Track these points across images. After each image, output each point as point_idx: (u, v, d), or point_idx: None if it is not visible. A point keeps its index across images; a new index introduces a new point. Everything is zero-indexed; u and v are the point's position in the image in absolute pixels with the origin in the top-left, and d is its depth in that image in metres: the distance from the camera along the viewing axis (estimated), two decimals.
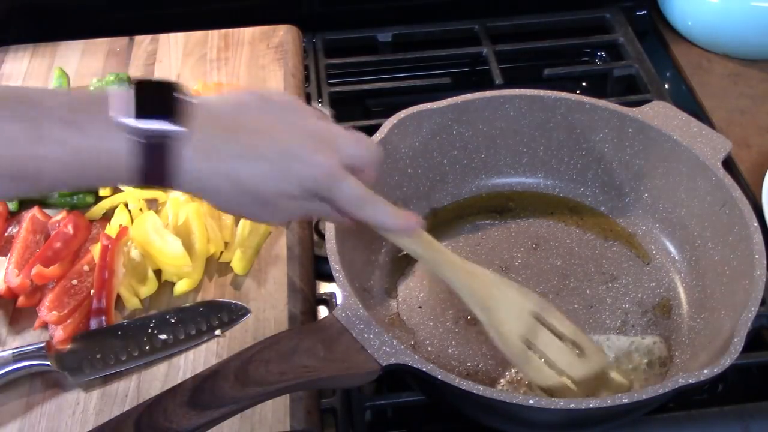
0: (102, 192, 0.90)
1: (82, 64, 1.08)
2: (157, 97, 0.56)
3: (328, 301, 0.85)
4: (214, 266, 0.84)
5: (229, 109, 0.60)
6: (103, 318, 0.77)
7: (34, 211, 0.86)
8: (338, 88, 1.10)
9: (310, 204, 0.62)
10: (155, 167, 0.56)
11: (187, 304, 0.80)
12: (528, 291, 0.73)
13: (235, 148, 0.58)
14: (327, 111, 0.64)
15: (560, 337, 0.71)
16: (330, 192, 0.62)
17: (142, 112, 0.54)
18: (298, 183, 0.60)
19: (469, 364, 0.76)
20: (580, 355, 0.70)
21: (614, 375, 0.72)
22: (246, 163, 0.58)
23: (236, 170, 0.58)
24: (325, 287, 0.88)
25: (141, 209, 0.87)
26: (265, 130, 0.60)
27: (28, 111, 0.53)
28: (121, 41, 1.12)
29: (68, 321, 0.77)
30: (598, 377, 0.70)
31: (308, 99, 1.07)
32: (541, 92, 0.88)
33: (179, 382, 0.61)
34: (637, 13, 1.24)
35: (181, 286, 0.80)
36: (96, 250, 0.80)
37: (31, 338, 0.78)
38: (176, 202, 0.86)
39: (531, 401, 0.62)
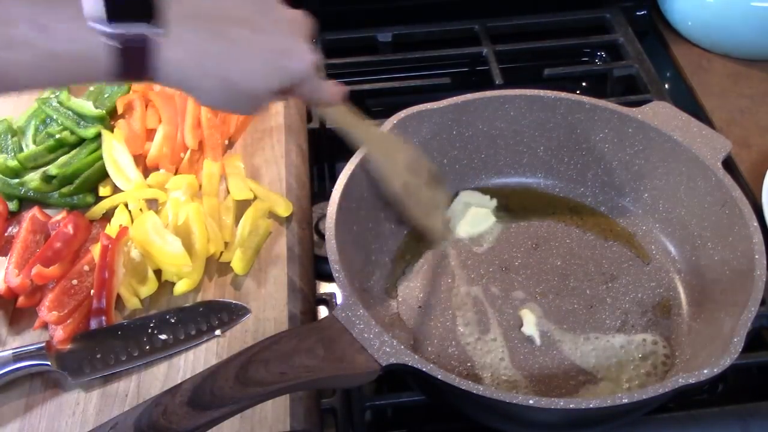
0: (102, 192, 0.90)
1: None
2: (128, 1, 0.54)
3: (328, 301, 0.85)
4: (214, 266, 0.84)
5: (210, 2, 0.59)
6: (103, 318, 0.77)
7: (34, 211, 0.86)
8: None
9: (279, 95, 0.64)
10: (133, 68, 0.55)
11: (187, 304, 0.80)
12: (406, 144, 0.84)
13: (222, 45, 0.58)
14: None
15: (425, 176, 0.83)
16: (307, 81, 0.65)
17: (114, 15, 0.53)
18: (284, 77, 0.62)
19: (469, 364, 0.76)
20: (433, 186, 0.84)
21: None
22: (236, 61, 0.59)
23: (226, 69, 0.58)
24: (325, 287, 0.88)
25: (141, 209, 0.87)
26: (248, 24, 0.60)
27: None
28: None
29: (68, 321, 0.77)
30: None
31: None
32: (541, 92, 0.88)
33: (179, 382, 0.61)
34: (637, 13, 1.24)
35: (181, 286, 0.80)
36: (96, 250, 0.80)
37: (31, 338, 0.78)
38: (176, 202, 0.86)
39: (531, 401, 0.61)
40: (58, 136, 0.92)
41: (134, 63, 0.55)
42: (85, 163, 0.91)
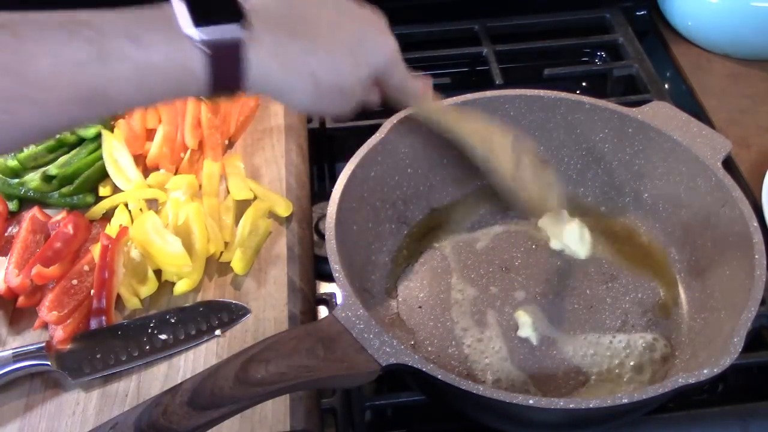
0: (102, 192, 0.90)
1: None
2: (214, 3, 0.55)
3: (328, 301, 0.86)
4: (214, 266, 0.84)
5: (282, 6, 0.60)
6: (103, 318, 0.77)
7: (34, 211, 0.86)
8: None
9: (369, 89, 0.66)
10: (225, 73, 0.55)
11: (187, 304, 0.80)
12: (506, 130, 0.81)
13: (305, 44, 0.59)
14: None
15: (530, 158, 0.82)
16: (393, 70, 0.67)
17: (202, 21, 0.54)
18: (371, 66, 0.63)
19: (468, 364, 0.76)
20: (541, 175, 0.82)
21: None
22: (320, 57, 0.59)
23: (311, 65, 0.59)
24: (325, 287, 0.88)
25: (141, 209, 0.87)
26: (326, 22, 0.61)
27: (87, 32, 0.51)
28: None
29: (68, 321, 0.77)
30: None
31: None
32: (541, 92, 0.88)
33: (179, 382, 0.61)
34: (637, 13, 1.24)
35: (181, 286, 0.80)
36: (96, 250, 0.80)
37: (31, 338, 0.78)
38: (176, 202, 0.86)
39: (531, 401, 0.61)
40: (58, 136, 0.92)
41: (227, 68, 0.55)
42: (85, 163, 0.91)
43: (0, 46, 0.48)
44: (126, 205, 0.88)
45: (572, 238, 0.84)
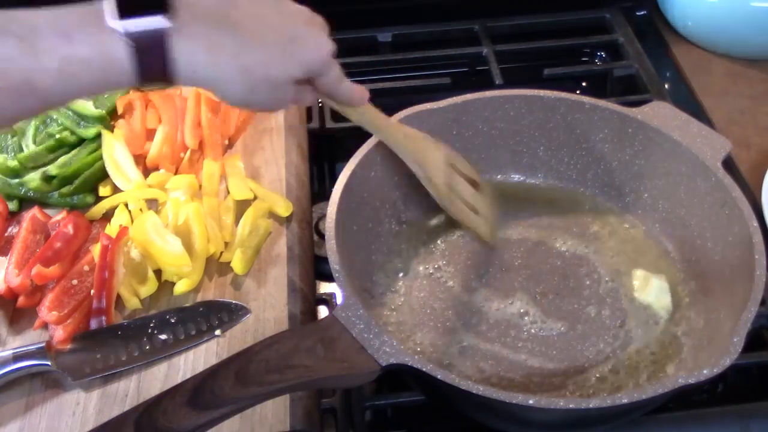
0: (102, 192, 0.90)
1: None
2: None
3: (328, 301, 0.86)
4: (214, 266, 0.84)
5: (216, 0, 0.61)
6: (103, 318, 0.77)
7: (34, 211, 0.86)
8: None
9: (301, 88, 0.67)
10: (152, 65, 0.56)
11: (187, 304, 0.80)
12: (438, 142, 0.83)
13: (237, 38, 0.59)
14: None
15: (466, 178, 0.84)
16: (325, 71, 0.67)
17: (127, 13, 0.55)
18: (302, 64, 0.64)
19: (469, 364, 0.76)
20: (477, 190, 0.85)
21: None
22: (252, 51, 0.60)
23: (243, 60, 0.60)
24: (325, 287, 0.88)
25: (141, 209, 0.87)
26: (259, 17, 0.62)
27: (18, 28, 0.53)
28: None
29: (68, 321, 0.77)
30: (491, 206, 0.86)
31: None
32: (541, 92, 0.88)
33: (179, 382, 0.61)
34: (637, 13, 1.24)
35: (181, 286, 0.80)
36: (96, 250, 0.80)
37: (31, 338, 0.78)
38: (176, 202, 0.86)
39: (531, 401, 0.61)
40: (58, 136, 0.92)
41: (153, 60, 0.56)
42: (85, 163, 0.91)
43: None
44: (126, 205, 0.88)
45: (655, 295, 0.81)
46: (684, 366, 0.74)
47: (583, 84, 1.16)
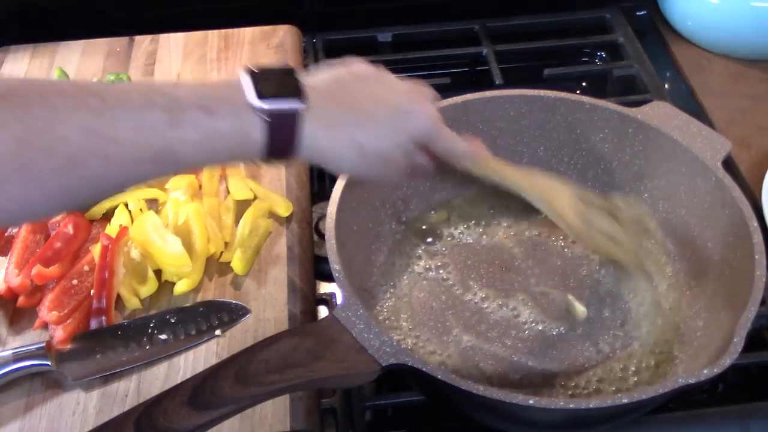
0: None
1: (82, 65, 1.08)
2: (277, 80, 0.62)
3: (328, 301, 0.85)
4: (214, 266, 0.84)
5: (334, 84, 0.67)
6: (103, 318, 0.77)
7: None
8: None
9: (414, 156, 0.71)
10: (281, 140, 0.61)
11: (187, 304, 0.80)
12: (562, 180, 0.83)
13: (352, 117, 0.66)
14: (381, 66, 0.74)
15: (599, 207, 0.82)
16: (435, 137, 0.72)
17: (266, 94, 0.60)
18: (410, 135, 0.69)
19: (468, 364, 0.76)
20: (618, 219, 0.82)
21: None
22: (364, 128, 0.66)
23: (357, 137, 0.65)
24: (325, 287, 0.88)
25: (141, 209, 0.87)
26: (371, 97, 0.68)
27: (158, 99, 0.57)
28: (121, 41, 1.12)
29: (68, 321, 0.77)
30: (636, 229, 0.83)
31: None
32: (541, 92, 0.88)
33: (179, 382, 0.61)
34: (637, 13, 1.24)
35: (181, 286, 0.80)
36: (96, 250, 0.80)
37: (31, 338, 0.78)
38: (176, 202, 0.86)
39: (531, 401, 0.61)
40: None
41: (283, 136, 0.61)
42: None
43: (90, 109, 0.53)
44: (126, 205, 0.88)
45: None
46: (684, 366, 0.74)
47: (583, 84, 1.16)
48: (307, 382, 0.63)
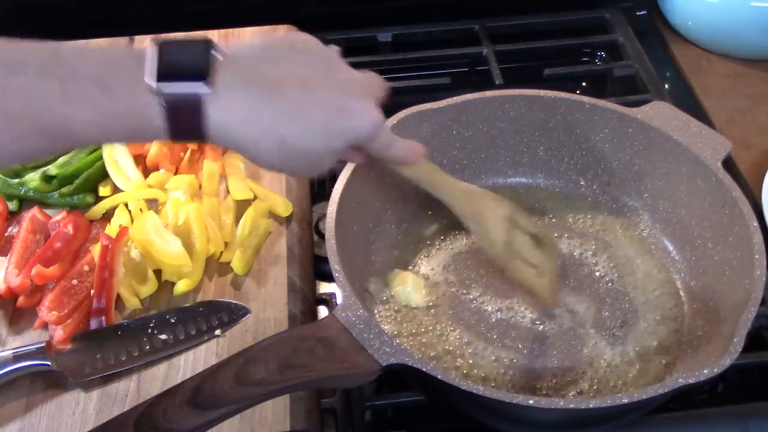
0: (102, 192, 0.90)
1: None
2: (185, 56, 0.56)
3: (328, 301, 0.86)
4: (214, 266, 0.84)
5: (262, 59, 0.59)
6: (103, 318, 0.77)
7: (34, 211, 0.86)
8: None
9: (344, 155, 0.65)
10: (184, 125, 0.56)
11: (187, 304, 0.80)
12: (500, 197, 0.80)
13: (276, 106, 0.58)
14: (335, 48, 0.66)
15: (527, 233, 0.79)
16: (371, 140, 0.64)
17: (167, 75, 0.54)
18: (345, 138, 0.61)
19: (468, 364, 0.76)
20: (539, 246, 0.79)
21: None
22: (291, 123, 0.58)
23: (280, 130, 0.58)
24: (325, 287, 0.88)
25: (141, 209, 0.87)
26: (306, 84, 0.59)
27: (57, 69, 0.53)
28: (121, 41, 1.11)
29: (68, 321, 0.77)
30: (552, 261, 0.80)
31: None
32: (541, 92, 0.88)
33: (179, 382, 0.61)
34: (637, 13, 1.24)
35: (181, 286, 0.80)
36: (96, 250, 0.80)
37: (31, 338, 0.78)
38: (176, 202, 0.86)
39: (531, 401, 0.61)
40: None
41: (184, 123, 0.56)
42: (85, 163, 0.91)
43: None
44: (126, 205, 0.88)
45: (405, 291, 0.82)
46: (684, 366, 0.74)
47: (583, 84, 1.16)
48: (307, 382, 0.63)
